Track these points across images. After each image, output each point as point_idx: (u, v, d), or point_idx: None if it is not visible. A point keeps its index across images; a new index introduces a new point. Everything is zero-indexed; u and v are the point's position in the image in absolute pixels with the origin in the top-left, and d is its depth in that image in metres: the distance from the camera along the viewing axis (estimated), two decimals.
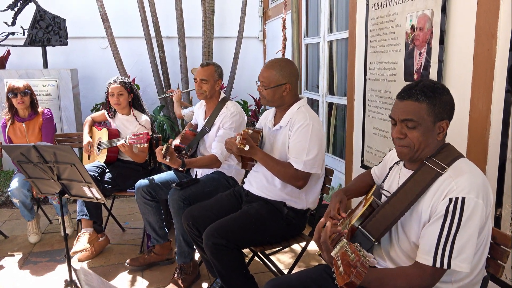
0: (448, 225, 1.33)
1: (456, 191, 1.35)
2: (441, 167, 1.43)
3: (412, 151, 1.48)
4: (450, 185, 1.37)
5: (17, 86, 3.30)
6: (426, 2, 2.41)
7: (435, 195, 1.40)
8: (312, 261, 3.01)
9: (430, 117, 1.44)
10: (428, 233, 1.38)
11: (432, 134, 1.46)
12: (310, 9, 4.79)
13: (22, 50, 5.42)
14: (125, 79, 3.24)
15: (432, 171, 1.44)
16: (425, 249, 1.37)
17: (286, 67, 2.23)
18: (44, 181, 2.30)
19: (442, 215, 1.35)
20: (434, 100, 1.43)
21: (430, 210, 1.40)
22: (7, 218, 3.97)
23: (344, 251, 1.17)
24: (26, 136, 3.41)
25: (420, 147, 1.46)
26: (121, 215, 3.96)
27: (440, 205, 1.37)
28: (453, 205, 1.33)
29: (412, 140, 1.46)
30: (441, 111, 1.45)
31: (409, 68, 2.61)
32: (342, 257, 1.16)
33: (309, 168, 2.16)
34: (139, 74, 5.97)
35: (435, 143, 1.49)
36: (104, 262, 3.07)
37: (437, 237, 1.34)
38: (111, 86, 3.18)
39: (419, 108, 1.43)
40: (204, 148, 2.93)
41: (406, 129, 1.46)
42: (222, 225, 2.16)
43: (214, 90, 2.87)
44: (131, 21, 5.67)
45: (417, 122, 1.43)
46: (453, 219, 1.33)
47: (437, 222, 1.36)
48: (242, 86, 6.22)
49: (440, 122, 1.46)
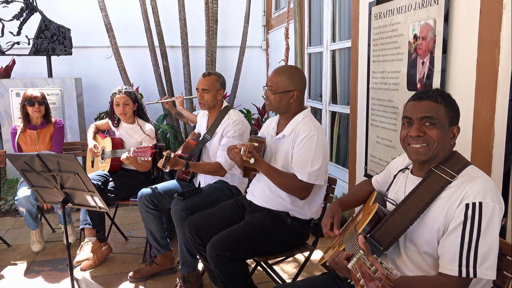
0: (469, 232, 1.31)
1: (472, 196, 1.34)
2: (450, 175, 1.43)
3: (430, 150, 1.47)
4: (464, 191, 1.36)
5: (35, 95, 3.35)
6: (429, 11, 2.41)
7: (449, 202, 1.39)
8: (316, 270, 2.98)
9: (447, 119, 1.47)
10: (449, 242, 1.36)
11: (447, 138, 1.48)
12: (313, 19, 4.81)
13: (27, 60, 5.46)
14: (130, 89, 3.26)
15: (442, 179, 1.43)
16: (448, 259, 1.35)
17: (296, 75, 2.23)
18: (47, 189, 2.30)
19: (461, 222, 1.33)
20: (450, 104, 1.48)
21: (444, 217, 1.39)
22: (10, 227, 3.97)
23: (363, 263, 1.13)
24: (36, 143, 3.43)
25: (438, 147, 1.47)
26: (124, 224, 3.95)
27: (457, 212, 1.35)
28: (471, 211, 1.32)
29: (432, 137, 1.46)
30: (455, 116, 1.49)
31: (412, 77, 2.61)
32: (361, 270, 1.11)
33: (313, 179, 2.15)
34: (143, 83, 6.01)
35: (447, 147, 1.50)
36: (106, 272, 3.05)
37: (459, 246, 1.32)
38: (116, 96, 3.19)
39: (438, 108, 1.47)
40: (207, 157, 2.93)
41: (425, 127, 1.47)
42: (227, 236, 2.15)
43: (216, 100, 2.87)
44: (135, 31, 5.72)
45: (437, 120, 1.46)
46: (473, 226, 1.31)
47: (456, 230, 1.34)
48: (245, 95, 6.24)
49: (453, 127, 1.49)
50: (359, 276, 1.11)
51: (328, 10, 4.22)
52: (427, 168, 1.52)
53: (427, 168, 1.52)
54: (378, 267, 1.10)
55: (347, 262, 1.26)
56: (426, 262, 1.46)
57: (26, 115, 3.40)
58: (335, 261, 1.38)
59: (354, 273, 1.13)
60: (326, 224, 1.79)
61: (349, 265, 1.15)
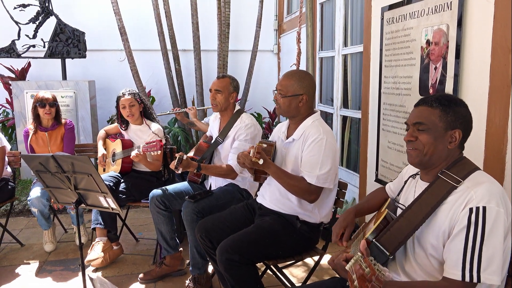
0: (472, 236, 1.31)
1: (476, 200, 1.34)
2: (456, 181, 1.43)
3: (421, 154, 1.50)
4: (469, 195, 1.36)
5: (46, 97, 3.41)
6: (442, 16, 2.41)
7: (454, 206, 1.39)
8: (326, 275, 2.98)
9: (442, 123, 1.46)
10: (453, 246, 1.36)
11: (443, 141, 1.48)
12: (325, 23, 4.82)
13: (42, 62, 5.55)
14: (133, 90, 3.31)
15: (447, 185, 1.44)
16: (451, 264, 1.35)
17: (305, 79, 2.24)
18: (61, 190, 2.34)
19: (465, 226, 1.33)
20: (448, 108, 1.47)
21: (449, 221, 1.39)
22: (23, 227, 4.03)
23: (359, 265, 1.16)
24: (48, 145, 3.49)
25: (429, 151, 1.48)
26: (135, 226, 3.99)
27: (461, 216, 1.35)
28: (475, 215, 1.32)
29: (422, 142, 1.48)
30: (454, 120, 1.47)
31: (424, 82, 2.61)
32: (357, 271, 1.15)
33: (322, 182, 2.15)
34: (155, 86, 6.06)
35: (446, 151, 1.49)
36: (117, 272, 3.08)
37: (463, 250, 1.32)
38: (121, 99, 3.25)
39: (431, 113, 1.48)
40: (219, 160, 2.94)
41: (417, 132, 1.50)
42: (236, 240, 2.16)
43: (228, 103, 2.89)
44: (148, 34, 5.79)
45: (427, 126, 1.47)
46: (476, 230, 1.31)
47: (460, 234, 1.34)
48: (256, 99, 6.27)
49: (452, 131, 1.47)
50: (354, 277, 1.16)
51: (340, 14, 4.23)
52: (433, 173, 1.52)
53: (433, 173, 1.52)
54: (371, 269, 1.14)
55: (346, 263, 1.29)
56: (434, 267, 1.46)
57: (37, 117, 3.46)
58: (335, 262, 1.43)
59: (350, 274, 1.18)
60: (337, 234, 1.82)
61: (346, 267, 1.20)
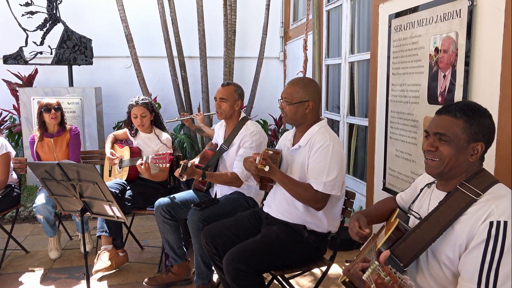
0: (491, 251, 1.28)
1: (497, 214, 1.30)
2: (476, 193, 1.39)
3: (442, 166, 1.45)
4: (490, 208, 1.33)
5: (50, 102, 3.45)
6: (451, 24, 2.39)
7: (473, 218, 1.35)
8: (333, 286, 2.94)
9: (465, 136, 1.42)
10: (470, 259, 1.32)
11: (465, 154, 1.43)
12: (332, 30, 4.81)
13: (49, 69, 5.59)
14: (146, 100, 3.27)
15: (466, 197, 1.40)
16: (467, 277, 1.31)
17: (310, 85, 2.24)
18: (66, 198, 2.33)
19: (484, 240, 1.30)
20: (472, 119, 1.42)
21: (467, 233, 1.35)
22: (28, 233, 4.02)
23: (377, 274, 1.12)
24: (54, 151, 3.49)
25: (449, 163, 1.44)
26: (140, 233, 3.97)
27: (480, 229, 1.32)
28: (495, 229, 1.28)
29: (443, 154, 1.44)
30: (478, 132, 1.42)
31: (433, 91, 2.58)
32: (376, 281, 1.11)
33: (329, 189, 2.12)
34: (161, 93, 6.07)
35: (466, 164, 1.45)
36: (122, 281, 3.06)
37: (480, 264, 1.29)
38: (133, 108, 3.20)
39: (454, 124, 1.42)
40: (224, 167, 2.92)
41: (438, 143, 1.45)
42: (242, 249, 2.13)
43: (233, 110, 2.88)
44: (154, 41, 5.81)
45: (449, 137, 1.42)
46: (496, 245, 1.27)
47: (478, 248, 1.31)
48: (262, 106, 6.26)
49: (475, 144, 1.43)
50: (373, 287, 1.12)
51: (347, 22, 4.22)
52: (451, 184, 1.48)
53: (452, 183, 1.48)
54: (392, 277, 1.10)
55: (362, 273, 1.25)
56: (448, 279, 1.42)
57: (43, 124, 3.47)
58: (351, 272, 1.37)
59: (368, 284, 1.14)
60: (353, 227, 1.74)
61: (363, 276, 1.16)
